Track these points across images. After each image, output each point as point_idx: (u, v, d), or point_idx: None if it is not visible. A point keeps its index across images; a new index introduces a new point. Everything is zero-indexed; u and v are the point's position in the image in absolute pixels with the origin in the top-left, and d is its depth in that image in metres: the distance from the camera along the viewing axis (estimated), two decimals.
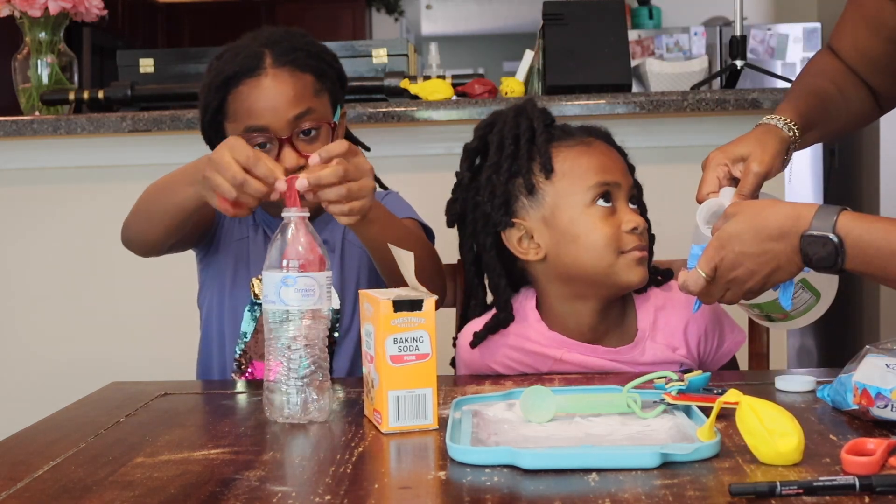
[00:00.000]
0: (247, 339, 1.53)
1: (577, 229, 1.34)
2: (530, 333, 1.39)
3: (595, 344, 1.39)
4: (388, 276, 1.44)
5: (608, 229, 1.33)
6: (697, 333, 1.41)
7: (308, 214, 1.15)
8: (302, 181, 1.18)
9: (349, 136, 1.64)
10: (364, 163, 1.25)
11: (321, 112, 1.48)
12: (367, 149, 1.67)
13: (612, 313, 1.40)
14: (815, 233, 1.11)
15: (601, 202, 1.34)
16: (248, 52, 1.46)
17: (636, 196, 1.40)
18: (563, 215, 1.35)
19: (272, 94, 1.43)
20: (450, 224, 1.47)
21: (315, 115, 1.46)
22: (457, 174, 1.47)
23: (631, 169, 1.42)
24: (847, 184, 3.42)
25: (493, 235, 1.40)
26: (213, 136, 1.50)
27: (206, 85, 1.48)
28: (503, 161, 1.38)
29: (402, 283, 1.18)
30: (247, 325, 1.53)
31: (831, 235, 1.10)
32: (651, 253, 1.43)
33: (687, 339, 1.40)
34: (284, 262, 1.12)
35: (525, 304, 1.42)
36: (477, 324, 1.42)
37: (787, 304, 1.21)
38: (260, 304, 1.51)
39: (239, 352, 1.53)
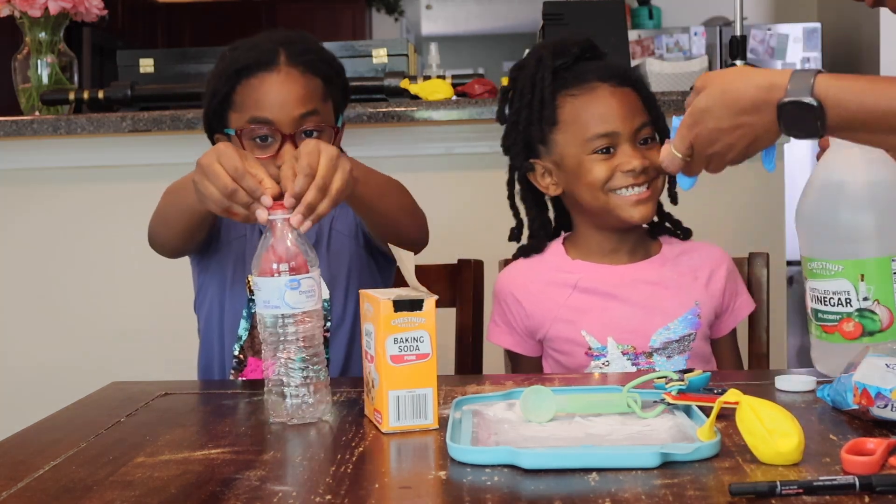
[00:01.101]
0: (244, 339, 1.53)
1: (580, 172, 1.47)
2: (552, 261, 1.54)
3: (620, 262, 1.51)
4: (381, 233, 1.46)
5: (602, 172, 1.45)
6: (722, 278, 1.52)
7: (291, 213, 1.15)
8: (296, 217, 1.15)
9: None
10: (329, 158, 1.20)
11: (326, 116, 1.49)
12: None
13: (631, 239, 1.52)
14: (791, 99, 1.05)
15: (600, 152, 1.45)
16: (263, 46, 1.48)
17: (650, 135, 1.48)
18: (569, 161, 1.48)
19: (282, 89, 1.45)
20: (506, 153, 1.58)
21: (320, 118, 1.47)
22: (497, 117, 1.59)
23: (650, 101, 1.50)
24: None
25: (522, 174, 1.54)
26: (216, 125, 1.51)
27: (218, 73, 1.49)
28: (522, 109, 1.50)
29: (398, 241, 1.19)
30: (243, 325, 1.54)
31: (809, 99, 1.04)
32: (674, 194, 1.55)
33: (710, 278, 1.51)
34: (282, 266, 1.11)
35: (554, 242, 1.57)
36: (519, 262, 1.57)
37: (771, 166, 1.15)
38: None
39: (238, 349, 1.54)
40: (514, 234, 1.60)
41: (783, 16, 5.50)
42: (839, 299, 1.14)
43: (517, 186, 1.56)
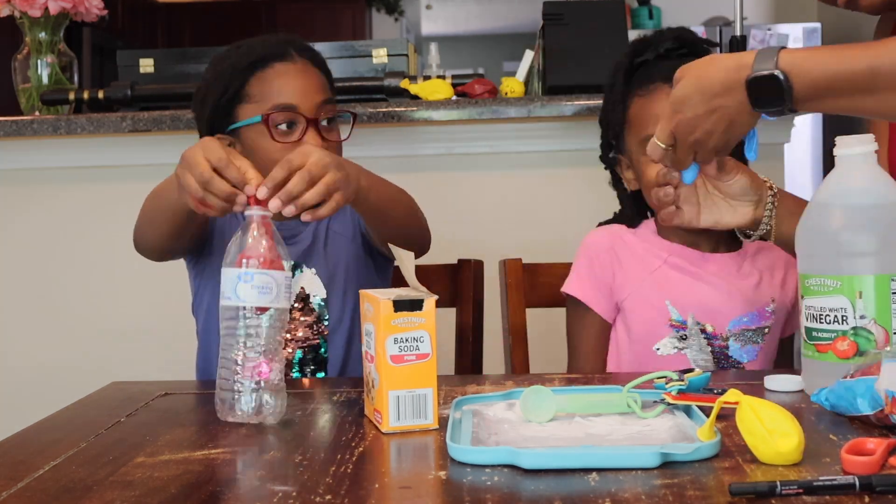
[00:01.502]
0: None
1: (639, 172, 1.52)
2: (644, 235, 1.58)
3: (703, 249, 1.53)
4: (389, 240, 1.42)
5: (654, 173, 1.43)
6: (794, 278, 1.50)
7: (270, 214, 1.15)
8: (275, 202, 1.16)
9: None
10: (321, 156, 1.22)
11: (335, 104, 1.54)
12: None
13: (711, 234, 1.51)
14: (758, 74, 1.10)
15: None
16: (271, 42, 1.52)
17: None
18: (633, 160, 1.53)
19: (301, 77, 1.49)
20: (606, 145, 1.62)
21: (337, 107, 1.52)
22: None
23: None
24: None
25: (611, 167, 1.61)
26: (221, 123, 1.52)
27: (224, 70, 1.51)
28: (607, 106, 1.59)
29: (403, 242, 1.20)
30: None
31: (775, 72, 1.09)
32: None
33: (785, 278, 1.53)
34: (243, 260, 1.11)
35: (647, 221, 1.60)
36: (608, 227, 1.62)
37: (752, 155, 1.19)
38: None
39: None
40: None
41: (783, 16, 5.50)
42: (835, 316, 1.12)
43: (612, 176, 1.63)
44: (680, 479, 0.87)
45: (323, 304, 1.56)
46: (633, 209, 1.60)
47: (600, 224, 1.64)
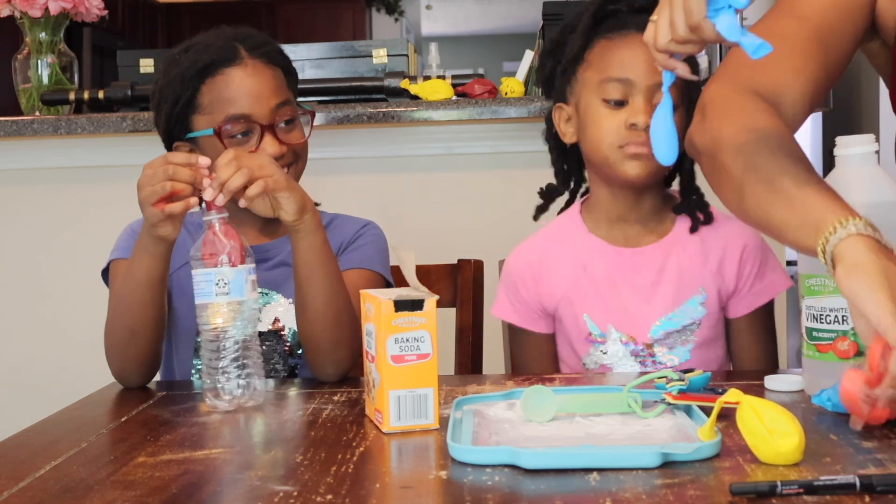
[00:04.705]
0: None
1: (588, 120, 1.42)
2: (568, 230, 1.49)
3: (628, 239, 1.46)
4: (298, 305, 1.39)
5: (608, 123, 1.39)
6: (735, 261, 1.45)
7: (227, 215, 1.23)
8: (218, 197, 1.24)
9: None
10: (267, 161, 1.30)
11: (294, 104, 1.48)
12: None
13: (644, 206, 1.45)
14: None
15: (612, 104, 1.39)
16: (219, 44, 1.45)
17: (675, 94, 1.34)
18: (583, 104, 1.43)
19: (253, 82, 1.43)
20: (544, 93, 1.54)
21: (293, 108, 1.46)
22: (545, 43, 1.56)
23: (690, 62, 1.31)
24: None
25: (548, 116, 1.50)
26: (177, 132, 1.46)
27: (177, 76, 1.43)
28: (560, 43, 1.46)
29: (311, 321, 1.33)
30: None
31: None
32: (689, 174, 1.46)
33: (722, 262, 1.44)
34: (207, 260, 1.20)
35: (574, 206, 1.53)
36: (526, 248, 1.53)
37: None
38: None
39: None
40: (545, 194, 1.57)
41: None
42: (836, 316, 1.12)
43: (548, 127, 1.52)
44: (680, 478, 0.87)
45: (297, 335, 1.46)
46: (565, 169, 1.51)
47: (560, 211, 1.55)
